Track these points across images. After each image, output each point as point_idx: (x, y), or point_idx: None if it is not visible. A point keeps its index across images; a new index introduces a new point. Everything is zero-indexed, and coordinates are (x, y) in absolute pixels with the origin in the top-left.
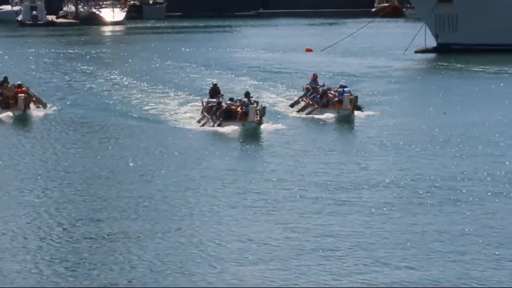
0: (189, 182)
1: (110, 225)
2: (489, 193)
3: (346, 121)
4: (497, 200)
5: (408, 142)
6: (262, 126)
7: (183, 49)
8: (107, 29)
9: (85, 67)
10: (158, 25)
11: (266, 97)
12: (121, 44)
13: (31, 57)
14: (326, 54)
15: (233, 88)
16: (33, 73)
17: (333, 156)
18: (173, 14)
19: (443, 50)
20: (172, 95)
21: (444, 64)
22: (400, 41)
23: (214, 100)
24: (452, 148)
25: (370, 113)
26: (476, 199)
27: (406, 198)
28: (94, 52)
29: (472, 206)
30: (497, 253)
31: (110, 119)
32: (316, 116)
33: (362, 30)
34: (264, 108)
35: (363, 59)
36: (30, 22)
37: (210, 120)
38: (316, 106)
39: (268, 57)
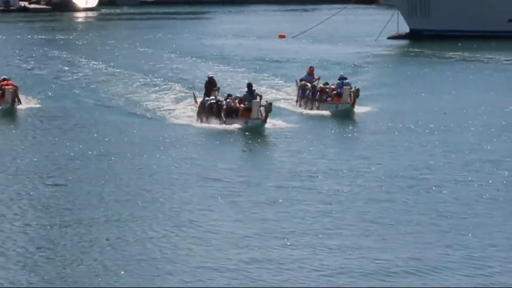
0: (184, 186)
1: (98, 228)
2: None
3: (346, 116)
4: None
5: (408, 134)
6: (267, 124)
7: (157, 36)
8: (80, 16)
9: (59, 54)
10: (131, 11)
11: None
12: (95, 31)
13: (2, 44)
14: (299, 41)
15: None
16: (5, 60)
17: (343, 164)
18: (147, 0)
19: (416, 36)
20: (151, 83)
21: (417, 50)
22: (373, 28)
23: (212, 98)
24: (434, 136)
25: (367, 108)
26: (440, 186)
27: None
28: (67, 38)
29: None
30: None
31: (94, 112)
32: (315, 112)
33: (335, 16)
34: (270, 104)
35: (336, 46)
36: (2, 8)
37: (207, 118)
38: (316, 103)
39: (241, 44)
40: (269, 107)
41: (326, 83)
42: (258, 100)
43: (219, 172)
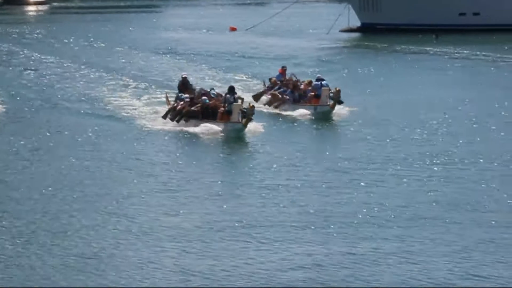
0: (152, 194)
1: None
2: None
3: (327, 119)
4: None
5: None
6: (247, 128)
7: (109, 29)
8: (31, 9)
9: (9, 49)
10: (82, 4)
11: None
12: (46, 25)
13: None
14: (251, 34)
15: (167, 72)
16: None
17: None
18: None
19: (367, 30)
20: (112, 80)
21: (369, 43)
22: (324, 21)
23: (187, 95)
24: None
25: (348, 108)
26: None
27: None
28: (18, 32)
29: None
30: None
31: (52, 113)
32: (291, 113)
33: (287, 10)
34: (252, 107)
35: (287, 39)
36: None
37: (179, 118)
38: (287, 100)
39: (192, 37)
40: (251, 111)
41: (298, 80)
42: (239, 103)
43: (193, 179)
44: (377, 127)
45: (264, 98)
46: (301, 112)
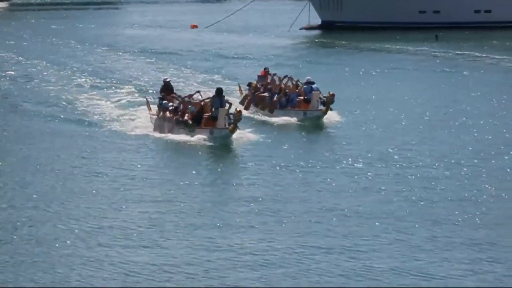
0: (136, 207)
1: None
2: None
3: (318, 124)
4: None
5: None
6: (235, 135)
7: (71, 26)
8: None
9: None
10: (43, 1)
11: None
12: (6, 22)
13: None
14: (212, 32)
15: (131, 71)
16: None
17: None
18: None
19: (328, 27)
20: (83, 82)
21: (329, 41)
22: (285, 19)
23: (171, 104)
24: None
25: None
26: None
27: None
28: None
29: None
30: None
31: (20, 119)
32: (278, 119)
33: (247, 7)
34: (240, 112)
35: (248, 36)
36: None
37: (168, 128)
38: (275, 105)
39: (154, 35)
40: (238, 116)
41: (285, 84)
42: (226, 107)
43: (175, 190)
44: (366, 133)
45: (248, 101)
46: (289, 118)
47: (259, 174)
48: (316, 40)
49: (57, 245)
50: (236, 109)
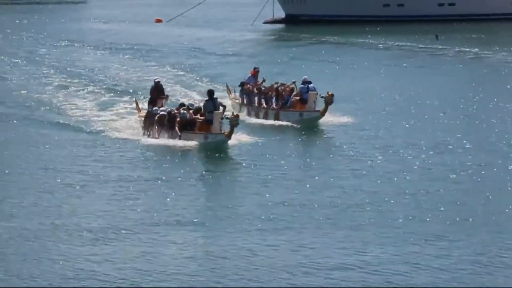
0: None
1: None
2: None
3: (315, 126)
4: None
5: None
6: (231, 140)
7: (33, 21)
8: None
9: None
10: None
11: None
12: None
13: None
14: (176, 26)
15: (100, 67)
16: None
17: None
18: None
19: (292, 21)
20: (58, 81)
21: (293, 35)
22: (248, 12)
23: (162, 108)
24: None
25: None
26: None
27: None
28: None
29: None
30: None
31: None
32: (274, 122)
33: (210, 0)
34: (237, 116)
35: (211, 30)
36: None
37: (158, 132)
38: (275, 109)
39: (119, 30)
40: (235, 120)
41: (279, 85)
42: (221, 110)
43: (170, 199)
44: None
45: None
46: (285, 119)
47: (255, 181)
48: (280, 34)
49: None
50: (233, 113)
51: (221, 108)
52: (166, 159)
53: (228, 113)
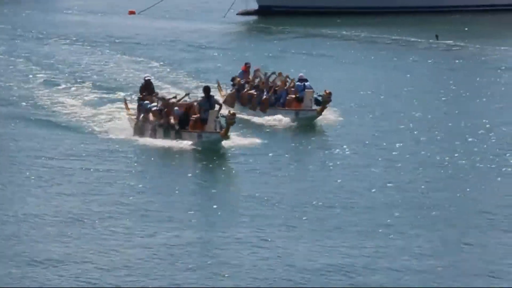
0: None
1: None
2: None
3: (312, 125)
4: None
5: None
6: (229, 140)
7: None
8: None
9: None
10: None
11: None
12: None
13: None
14: (148, 17)
15: (74, 60)
16: None
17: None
18: None
19: (265, 12)
20: (15, 70)
21: (266, 26)
22: (221, 3)
23: (154, 104)
24: None
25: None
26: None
27: None
28: None
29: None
30: None
31: None
32: (267, 119)
33: None
34: (233, 114)
35: (184, 22)
36: None
37: (149, 129)
38: (267, 104)
39: (92, 21)
40: (232, 119)
41: (272, 80)
42: (217, 109)
43: (163, 201)
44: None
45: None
46: (279, 118)
47: (250, 182)
48: (252, 25)
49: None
50: (229, 111)
51: (217, 106)
52: (159, 159)
53: (223, 111)
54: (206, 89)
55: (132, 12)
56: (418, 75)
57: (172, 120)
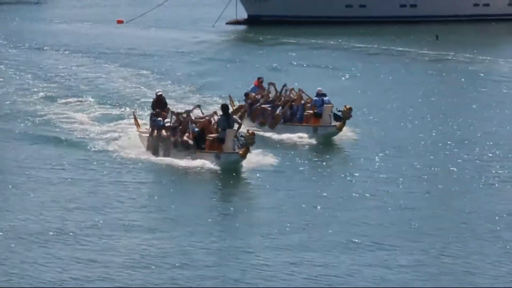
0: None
1: None
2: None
3: (332, 142)
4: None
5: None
6: (246, 160)
7: None
8: None
9: None
10: None
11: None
12: None
13: None
14: (137, 26)
15: (65, 71)
16: None
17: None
18: None
19: (254, 21)
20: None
21: (255, 36)
22: (210, 13)
23: (167, 120)
24: None
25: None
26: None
27: None
28: None
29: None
30: None
31: None
32: (284, 136)
33: (169, 1)
34: (253, 134)
35: (173, 31)
36: None
37: (163, 147)
38: (277, 120)
39: (80, 31)
40: (251, 139)
41: (287, 93)
42: (235, 128)
43: (179, 225)
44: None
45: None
46: (297, 135)
47: (268, 204)
48: (241, 35)
49: None
50: (248, 131)
51: (236, 125)
52: (174, 179)
53: (242, 131)
54: (224, 107)
55: (120, 22)
56: (408, 84)
57: (187, 138)
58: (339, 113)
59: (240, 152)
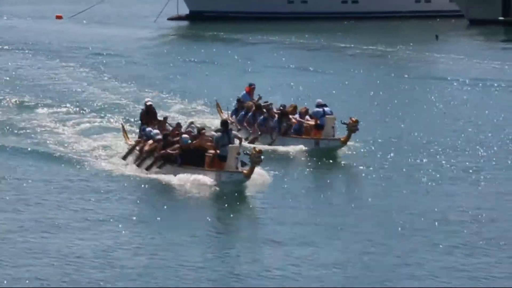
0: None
1: None
2: None
3: (335, 156)
4: None
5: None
6: (250, 180)
7: None
8: None
9: None
10: None
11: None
12: None
13: None
14: (77, 22)
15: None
16: None
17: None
18: None
19: (196, 17)
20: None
21: (196, 32)
22: (152, 8)
23: (157, 131)
24: None
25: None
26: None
27: None
28: None
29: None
30: None
31: None
32: (283, 149)
33: None
34: (260, 152)
35: (114, 27)
36: None
37: (150, 165)
38: (273, 134)
39: (18, 26)
40: (258, 157)
41: (283, 106)
42: (236, 144)
43: (173, 253)
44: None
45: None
46: (296, 148)
47: (270, 223)
48: (182, 31)
49: None
50: (254, 149)
51: (236, 141)
52: (168, 197)
53: (246, 144)
54: (224, 123)
55: (59, 17)
56: (350, 81)
57: (171, 151)
58: (344, 125)
59: (245, 171)
